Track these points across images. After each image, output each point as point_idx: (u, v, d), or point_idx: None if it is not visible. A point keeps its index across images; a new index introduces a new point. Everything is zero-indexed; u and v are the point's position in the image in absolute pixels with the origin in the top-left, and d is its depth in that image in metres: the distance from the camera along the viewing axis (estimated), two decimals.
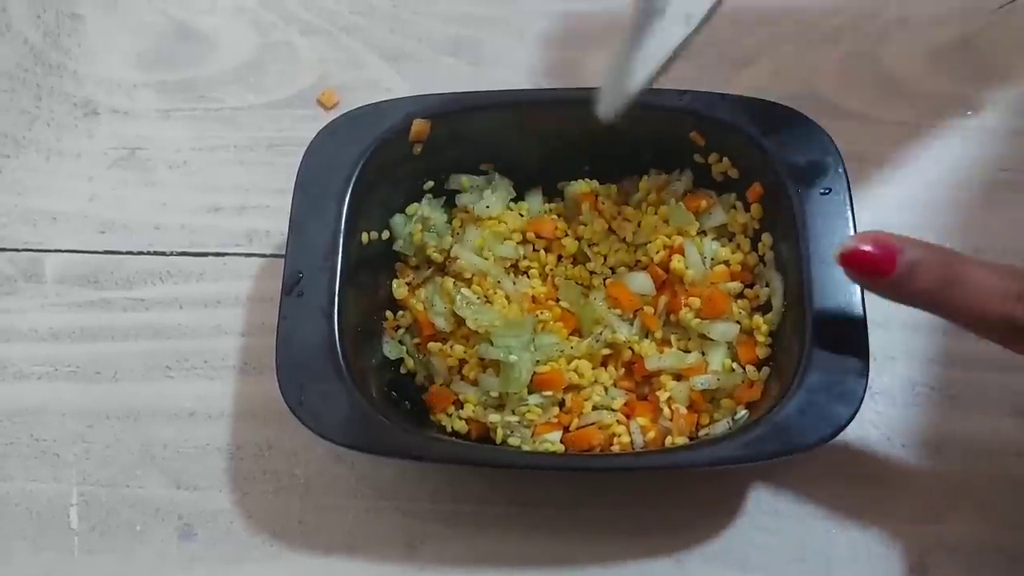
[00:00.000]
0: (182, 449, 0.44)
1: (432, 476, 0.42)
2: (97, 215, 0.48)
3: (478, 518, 0.42)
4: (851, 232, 0.37)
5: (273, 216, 0.47)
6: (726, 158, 0.41)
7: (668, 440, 0.39)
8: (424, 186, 0.44)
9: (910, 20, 0.50)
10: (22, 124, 0.50)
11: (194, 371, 0.45)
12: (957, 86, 0.48)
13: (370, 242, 0.42)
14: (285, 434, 0.43)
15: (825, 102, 0.48)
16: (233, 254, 0.47)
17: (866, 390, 0.35)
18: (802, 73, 0.49)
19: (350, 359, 0.38)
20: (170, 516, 0.42)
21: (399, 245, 0.43)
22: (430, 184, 0.44)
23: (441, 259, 0.43)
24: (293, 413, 0.37)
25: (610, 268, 0.43)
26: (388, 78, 0.51)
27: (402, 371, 0.42)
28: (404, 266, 0.44)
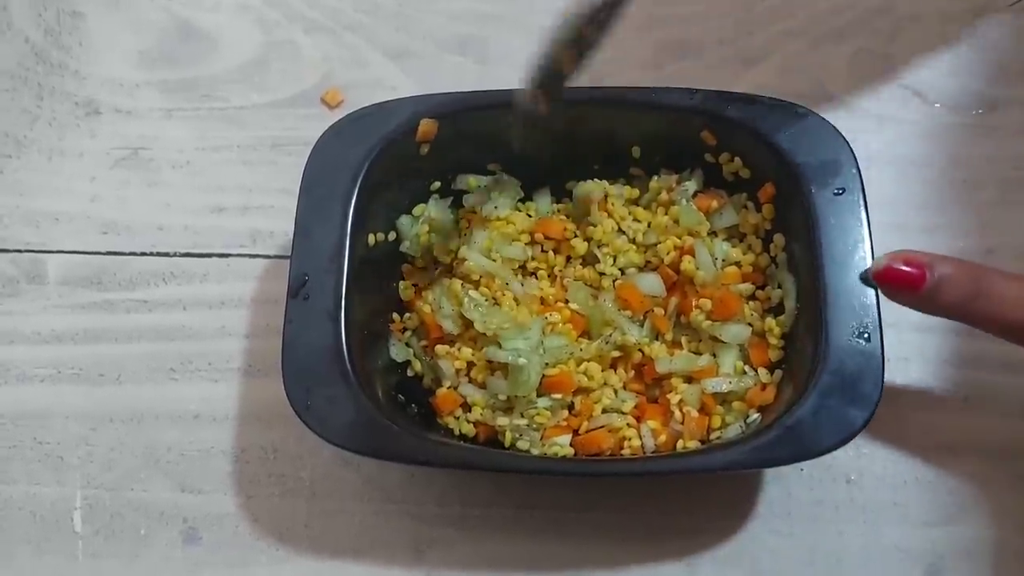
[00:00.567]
0: (186, 452, 0.43)
1: (439, 479, 0.42)
2: (100, 216, 0.48)
3: (486, 522, 0.41)
4: (865, 233, 0.37)
5: (277, 216, 0.47)
6: (738, 158, 0.41)
7: (679, 444, 0.39)
8: (431, 186, 0.43)
9: (922, 17, 0.49)
10: (23, 124, 0.50)
11: (198, 373, 0.45)
12: (970, 84, 0.48)
13: (376, 243, 0.41)
14: (291, 437, 0.43)
15: (836, 100, 0.48)
16: (237, 255, 0.47)
17: (881, 393, 0.35)
18: (813, 71, 0.49)
19: (357, 363, 0.37)
20: (175, 520, 0.42)
21: (406, 246, 0.43)
22: (437, 184, 0.43)
23: (448, 260, 0.43)
24: (300, 418, 0.36)
25: (620, 269, 0.42)
26: (393, 77, 0.50)
27: (409, 374, 0.42)
28: (411, 268, 0.43)
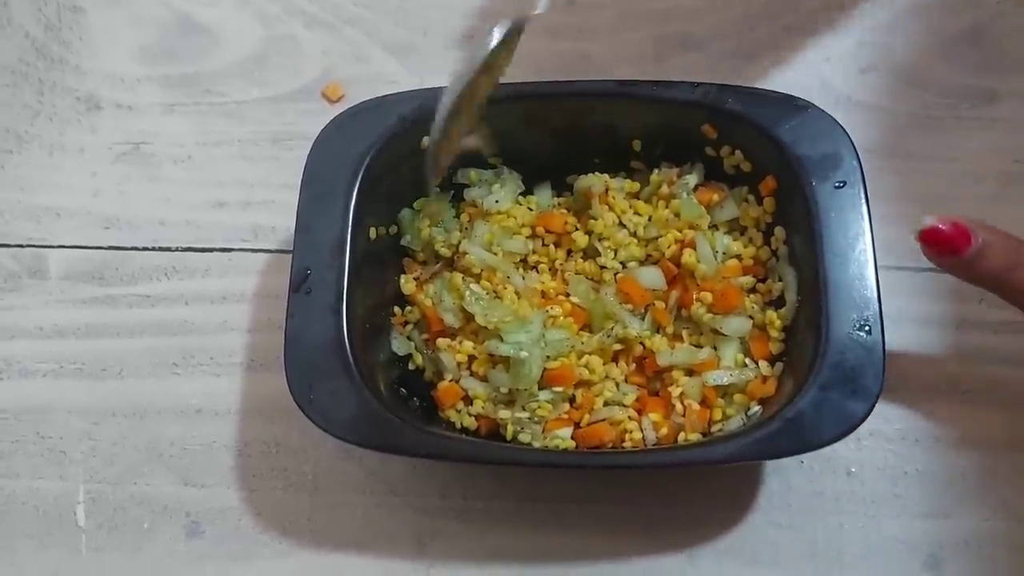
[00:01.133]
0: (189, 446, 0.43)
1: (442, 472, 0.42)
2: (101, 211, 0.48)
3: (488, 514, 0.41)
4: (866, 226, 0.37)
5: (278, 211, 0.47)
6: (739, 151, 0.41)
7: (681, 436, 0.39)
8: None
9: (922, 10, 0.49)
10: (24, 119, 0.50)
11: (200, 368, 0.45)
12: (970, 77, 0.48)
13: (378, 237, 0.41)
14: (293, 431, 0.43)
15: (837, 93, 0.48)
16: (239, 249, 0.47)
17: (882, 386, 0.35)
18: (814, 65, 0.49)
19: (359, 356, 0.37)
20: (178, 513, 0.42)
21: (407, 240, 0.43)
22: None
23: (449, 254, 0.43)
24: (303, 412, 0.37)
25: (621, 263, 0.42)
26: (394, 71, 0.50)
27: (411, 367, 0.42)
28: (412, 261, 0.44)
